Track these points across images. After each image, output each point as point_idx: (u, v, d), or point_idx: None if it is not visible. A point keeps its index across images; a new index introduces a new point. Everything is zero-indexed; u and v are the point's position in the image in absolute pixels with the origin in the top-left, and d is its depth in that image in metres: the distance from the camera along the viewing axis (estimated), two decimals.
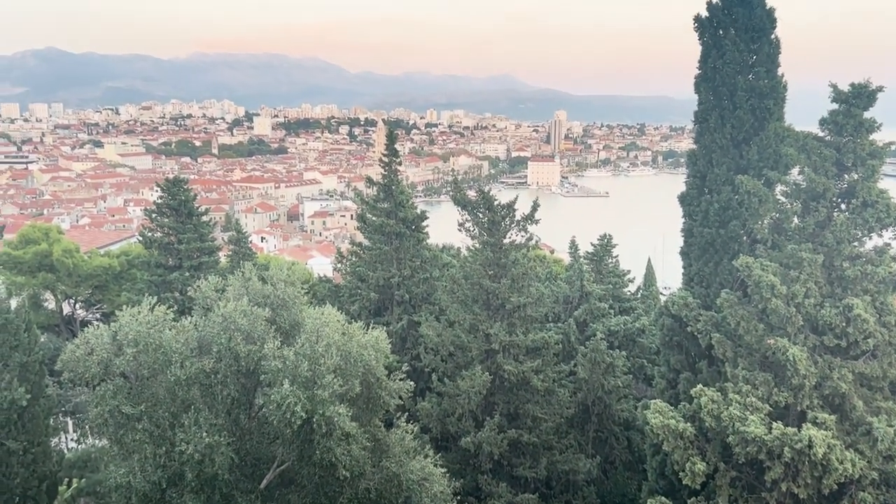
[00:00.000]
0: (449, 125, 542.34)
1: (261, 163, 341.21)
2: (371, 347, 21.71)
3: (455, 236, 36.03)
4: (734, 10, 23.90)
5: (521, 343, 28.56)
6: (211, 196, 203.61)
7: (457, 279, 29.37)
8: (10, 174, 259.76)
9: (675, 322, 24.72)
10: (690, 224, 25.03)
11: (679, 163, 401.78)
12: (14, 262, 41.55)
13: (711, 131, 24.19)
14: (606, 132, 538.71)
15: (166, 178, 37.99)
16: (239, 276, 22.76)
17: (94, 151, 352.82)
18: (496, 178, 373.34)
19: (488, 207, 29.19)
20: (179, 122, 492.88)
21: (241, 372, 20.45)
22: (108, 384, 20.06)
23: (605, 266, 42.72)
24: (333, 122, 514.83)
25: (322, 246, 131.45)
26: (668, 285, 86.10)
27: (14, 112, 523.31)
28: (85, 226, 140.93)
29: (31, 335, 24.38)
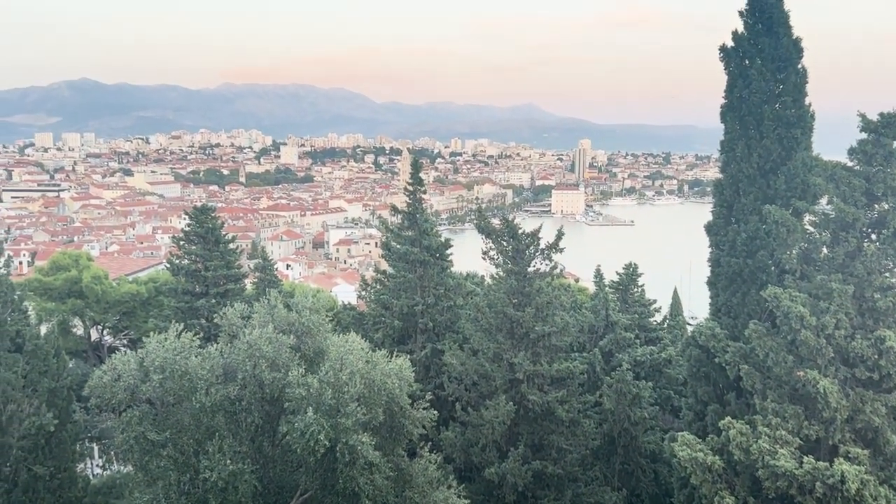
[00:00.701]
0: (473, 154, 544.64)
1: (287, 191, 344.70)
2: (395, 376, 21.67)
3: (479, 264, 36.02)
4: (760, 41, 23.88)
5: (546, 373, 28.32)
6: (238, 224, 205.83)
7: (481, 307, 29.28)
8: (43, 202, 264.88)
9: (702, 353, 24.41)
10: (717, 254, 24.81)
11: (705, 192, 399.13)
12: (44, 289, 42.16)
13: (738, 161, 24.06)
14: (631, 161, 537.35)
15: (194, 206, 38.47)
16: (264, 303, 22.90)
17: (125, 180, 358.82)
18: (520, 206, 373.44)
19: (512, 236, 29.17)
20: (208, 151, 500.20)
21: (266, 399, 20.50)
22: (133, 410, 20.20)
23: (630, 295, 42.36)
24: (359, 151, 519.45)
25: (346, 273, 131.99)
26: (694, 315, 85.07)
27: (48, 141, 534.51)
28: (114, 253, 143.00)
29: (59, 361, 24.66)
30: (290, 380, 19.67)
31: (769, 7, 23.84)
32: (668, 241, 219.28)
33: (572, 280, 66.13)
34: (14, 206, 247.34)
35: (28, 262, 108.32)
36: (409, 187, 35.07)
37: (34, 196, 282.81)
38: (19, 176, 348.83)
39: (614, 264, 45.02)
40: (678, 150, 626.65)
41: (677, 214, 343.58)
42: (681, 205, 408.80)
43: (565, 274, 44.24)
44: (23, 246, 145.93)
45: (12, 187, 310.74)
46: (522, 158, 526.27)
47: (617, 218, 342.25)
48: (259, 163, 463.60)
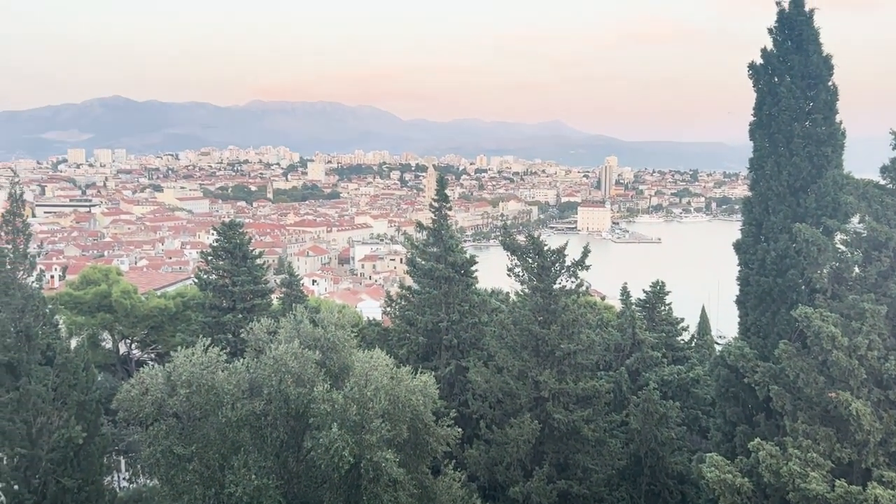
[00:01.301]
0: (498, 171, 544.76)
1: (314, 207, 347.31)
2: (419, 392, 21.67)
3: (504, 281, 35.92)
4: (790, 58, 23.68)
5: (572, 391, 28.10)
6: (265, 239, 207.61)
7: (506, 325, 29.17)
8: (75, 217, 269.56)
9: (731, 373, 24.06)
10: (746, 272, 24.51)
11: (733, 209, 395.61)
12: (75, 303, 42.77)
13: (767, 178, 23.81)
14: (658, 178, 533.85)
15: (222, 221, 38.87)
16: (290, 318, 23.05)
17: (154, 195, 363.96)
18: (545, 223, 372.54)
19: (538, 252, 29.08)
20: (236, 168, 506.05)
21: (291, 414, 20.57)
22: (160, 424, 20.39)
23: (657, 313, 41.92)
24: (385, 167, 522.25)
25: (372, 289, 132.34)
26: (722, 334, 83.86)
27: (80, 157, 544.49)
28: (143, 267, 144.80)
29: (88, 374, 24.95)
30: (315, 395, 19.74)
31: (799, 24, 23.66)
32: (696, 259, 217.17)
33: (598, 298, 65.67)
34: (47, 221, 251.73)
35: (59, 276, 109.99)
36: (434, 204, 35.15)
37: (66, 211, 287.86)
38: (52, 191, 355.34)
39: (641, 282, 44.59)
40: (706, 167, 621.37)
41: (705, 232, 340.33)
42: (708, 222, 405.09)
43: (591, 291, 43.93)
44: (55, 260, 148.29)
45: (45, 202, 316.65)
46: (548, 175, 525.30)
47: (644, 235, 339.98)
48: (286, 179, 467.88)
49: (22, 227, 24.40)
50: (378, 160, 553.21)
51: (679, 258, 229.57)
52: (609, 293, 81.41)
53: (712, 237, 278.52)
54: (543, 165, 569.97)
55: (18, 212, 24.50)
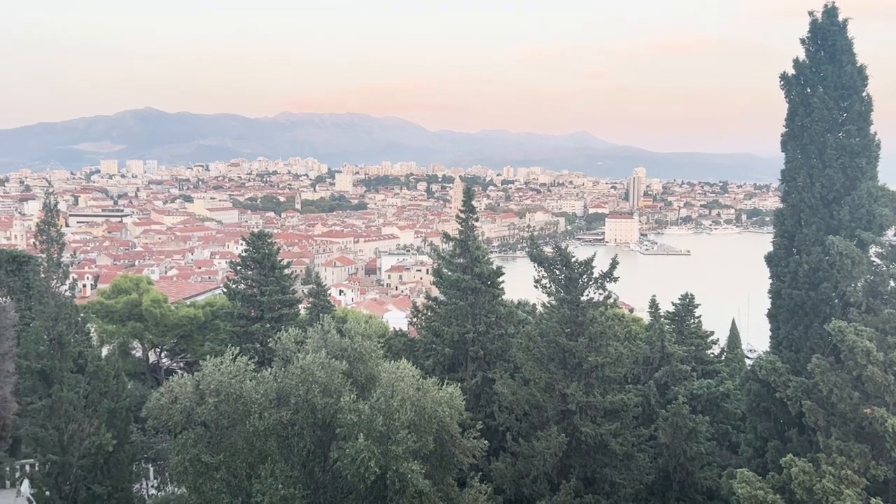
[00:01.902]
0: (525, 182, 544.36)
1: (341, 218, 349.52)
2: (445, 404, 21.60)
3: (530, 292, 35.72)
4: (823, 68, 23.40)
5: (599, 404, 27.83)
6: (293, 250, 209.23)
7: (532, 336, 29.01)
8: (107, 227, 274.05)
9: (762, 387, 23.69)
10: (778, 285, 24.15)
11: (764, 221, 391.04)
12: (106, 311, 43.36)
13: (800, 190, 23.49)
14: (687, 189, 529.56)
15: (251, 231, 39.22)
16: (318, 328, 23.14)
17: (185, 206, 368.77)
18: (573, 234, 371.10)
19: (565, 264, 28.91)
20: (265, 179, 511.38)
21: (318, 424, 20.62)
22: (189, 433, 20.54)
23: (686, 326, 41.43)
24: (412, 178, 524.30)
25: (398, 300, 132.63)
26: (753, 348, 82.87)
27: (113, 168, 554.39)
28: (173, 277, 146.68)
29: (119, 382, 25.25)
30: (341, 405, 19.77)
31: (832, 34, 23.39)
32: (726, 271, 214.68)
33: (626, 310, 65.11)
34: (79, 231, 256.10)
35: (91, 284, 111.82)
36: (460, 214, 35.15)
37: (98, 221, 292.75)
38: (85, 202, 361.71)
39: (670, 294, 44.13)
40: (736, 178, 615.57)
41: (735, 244, 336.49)
42: (738, 234, 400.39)
43: (619, 304, 43.60)
44: (87, 269, 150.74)
45: (78, 212, 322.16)
46: (575, 186, 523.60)
47: (672, 247, 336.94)
48: (314, 190, 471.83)
49: (56, 236, 24.86)
50: (405, 171, 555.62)
51: (709, 270, 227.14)
52: (637, 305, 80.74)
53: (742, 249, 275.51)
54: (571, 176, 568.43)
55: (53, 222, 24.99)
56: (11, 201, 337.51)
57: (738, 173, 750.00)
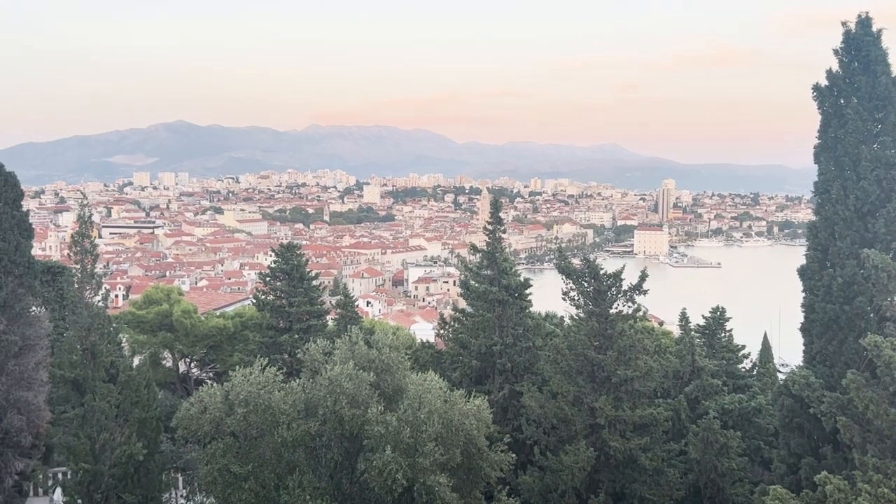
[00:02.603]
0: (553, 193, 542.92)
1: (369, 229, 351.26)
2: (472, 416, 21.52)
3: (558, 305, 35.53)
4: (856, 79, 23.08)
5: (628, 419, 27.54)
6: (321, 261, 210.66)
7: (560, 349, 28.82)
8: (139, 238, 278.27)
9: (795, 403, 23.29)
10: (811, 299, 23.77)
11: (796, 234, 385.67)
12: (138, 321, 43.92)
13: (833, 202, 23.14)
14: (717, 201, 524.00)
15: (280, 243, 39.54)
16: (346, 339, 23.22)
17: (215, 217, 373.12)
18: (601, 246, 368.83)
19: (594, 276, 28.72)
20: (294, 191, 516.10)
21: (345, 436, 20.66)
22: (218, 443, 20.68)
23: (717, 340, 40.86)
24: (439, 190, 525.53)
25: (425, 311, 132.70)
26: (785, 362, 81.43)
27: (145, 180, 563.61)
28: (203, 288, 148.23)
29: (150, 392, 25.54)
30: (369, 417, 19.79)
31: (866, 45, 23.08)
32: (757, 284, 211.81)
33: (656, 323, 64.42)
34: (112, 242, 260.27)
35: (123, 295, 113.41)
36: (488, 226, 35.11)
37: (131, 232, 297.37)
38: (118, 213, 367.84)
39: (700, 307, 43.57)
40: (767, 190, 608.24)
41: (767, 257, 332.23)
42: (770, 247, 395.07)
43: (649, 317, 43.19)
44: (119, 280, 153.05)
45: (111, 224, 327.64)
46: (604, 198, 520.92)
47: (703, 260, 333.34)
48: (343, 202, 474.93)
49: (90, 248, 25.26)
50: (432, 183, 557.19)
51: (740, 283, 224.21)
52: (667, 319, 79.84)
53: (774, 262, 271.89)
54: (599, 188, 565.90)
55: (87, 233, 25.40)
56: (46, 213, 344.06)
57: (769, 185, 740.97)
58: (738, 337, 42.57)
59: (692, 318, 41.01)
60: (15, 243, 24.34)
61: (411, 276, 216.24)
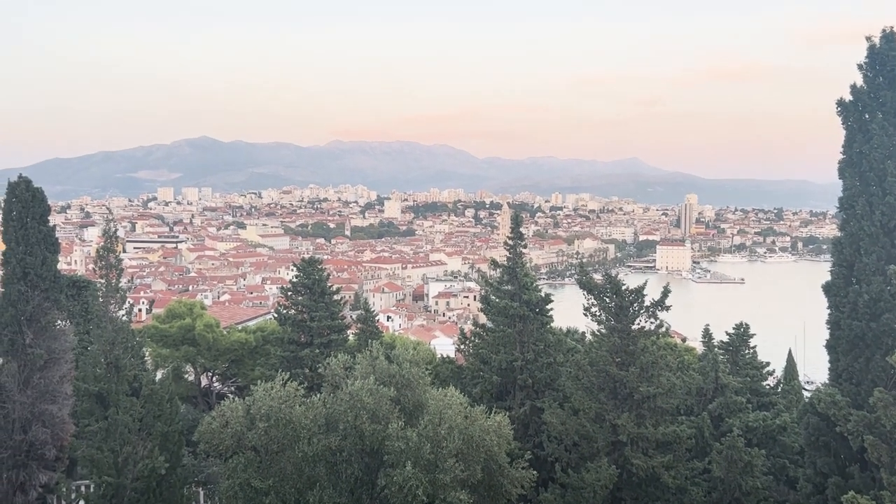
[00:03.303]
0: (574, 208, 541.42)
1: (389, 244, 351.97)
2: (493, 432, 21.44)
3: (579, 320, 35.35)
4: (881, 94, 22.90)
5: (651, 436, 27.28)
6: (342, 276, 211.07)
7: (582, 365, 28.66)
8: (162, 252, 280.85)
9: (821, 421, 22.95)
10: (837, 316, 23.48)
11: (821, 249, 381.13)
12: (161, 335, 44.24)
13: (858, 218, 22.88)
14: (741, 217, 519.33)
15: (302, 258, 39.75)
16: (366, 354, 23.26)
17: (237, 232, 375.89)
18: (623, 261, 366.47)
19: (615, 292, 28.58)
20: (316, 206, 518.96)
21: (366, 451, 20.65)
22: (239, 457, 20.76)
23: (741, 357, 40.39)
24: (460, 205, 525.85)
25: (445, 326, 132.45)
26: (811, 380, 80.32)
27: (169, 195, 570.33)
28: (225, 302, 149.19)
29: (172, 406, 25.70)
30: (389, 432, 19.78)
31: (891, 60, 22.90)
32: (782, 300, 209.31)
33: (679, 339, 63.86)
34: (136, 256, 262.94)
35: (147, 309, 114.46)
36: (508, 241, 35.09)
37: (154, 247, 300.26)
38: (142, 228, 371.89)
39: (724, 323, 43.17)
40: (791, 205, 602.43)
41: (791, 273, 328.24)
42: (794, 263, 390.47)
43: (672, 333, 42.77)
44: (142, 294, 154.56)
45: (135, 238, 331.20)
46: (625, 213, 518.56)
47: (726, 275, 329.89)
48: (364, 217, 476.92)
49: (115, 262, 25.56)
50: (453, 198, 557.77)
51: (764, 299, 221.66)
52: (690, 335, 79.14)
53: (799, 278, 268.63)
54: (620, 203, 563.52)
55: (112, 248, 25.71)
56: (72, 227, 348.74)
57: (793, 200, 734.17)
58: (762, 354, 42.08)
59: (715, 334, 40.62)
60: (41, 257, 24.71)
61: (431, 291, 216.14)
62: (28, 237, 24.60)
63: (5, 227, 25.29)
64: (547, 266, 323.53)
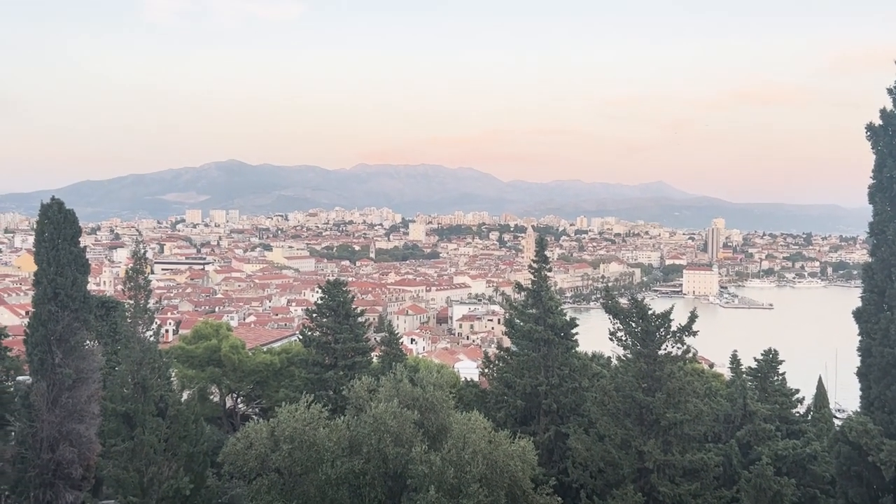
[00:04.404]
0: (599, 232, 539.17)
1: (414, 266, 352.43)
2: (517, 458, 21.28)
3: (605, 345, 35.10)
4: None
5: (678, 463, 26.88)
6: (366, 298, 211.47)
7: (608, 390, 28.39)
8: (190, 274, 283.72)
9: (853, 450, 22.47)
10: (868, 343, 23.06)
11: (851, 275, 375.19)
12: (187, 356, 44.59)
13: (889, 243, 22.55)
14: (769, 241, 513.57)
15: (327, 279, 39.97)
16: (390, 377, 23.26)
17: (264, 254, 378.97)
18: (649, 286, 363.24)
19: (641, 316, 28.35)
20: (341, 228, 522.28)
21: (389, 474, 20.57)
22: (263, 479, 20.79)
23: (770, 383, 39.78)
24: (484, 228, 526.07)
25: (469, 349, 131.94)
26: (842, 407, 78.74)
27: (197, 218, 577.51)
28: (251, 323, 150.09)
29: (198, 427, 25.84)
30: (412, 456, 19.70)
31: None
32: (811, 326, 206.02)
33: (706, 365, 63.07)
34: (164, 278, 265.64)
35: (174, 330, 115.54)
36: (533, 264, 35.02)
37: (182, 268, 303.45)
38: (170, 249, 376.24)
39: (752, 349, 42.58)
40: (820, 230, 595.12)
41: (821, 298, 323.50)
42: (824, 288, 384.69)
43: (699, 358, 42.27)
44: (170, 315, 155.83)
45: (163, 260, 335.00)
46: (651, 237, 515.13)
47: (754, 301, 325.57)
48: (388, 239, 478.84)
49: (143, 283, 25.89)
50: (477, 221, 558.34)
51: (792, 325, 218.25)
52: (717, 361, 78.13)
53: (829, 304, 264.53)
54: (646, 227, 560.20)
55: (141, 269, 26.06)
56: (102, 248, 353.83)
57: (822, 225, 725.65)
58: (791, 380, 41.40)
59: (743, 360, 40.10)
60: (72, 278, 25.12)
61: (455, 314, 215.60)
62: (59, 258, 25.04)
63: (37, 248, 25.79)
64: (572, 290, 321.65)
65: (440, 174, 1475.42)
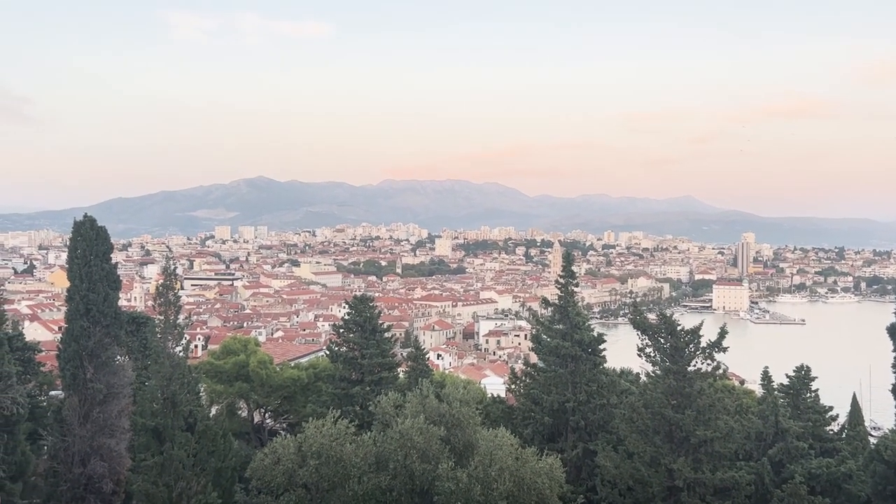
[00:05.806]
0: (627, 246, 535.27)
1: (440, 282, 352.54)
2: (545, 475, 21.12)
3: (633, 361, 34.78)
4: None
5: (709, 482, 26.46)
6: (393, 313, 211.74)
7: (636, 407, 28.08)
8: (218, 289, 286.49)
9: (889, 469, 22.00)
10: None
11: (885, 290, 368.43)
12: (215, 371, 44.91)
13: None
14: (800, 256, 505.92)
15: (354, 295, 40.14)
16: (416, 393, 23.24)
17: (292, 270, 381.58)
18: (678, 301, 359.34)
19: (671, 332, 28.07)
20: (368, 244, 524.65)
21: (415, 491, 20.51)
22: (290, 494, 20.85)
23: (802, 400, 39.09)
24: (510, 243, 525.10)
25: (495, 365, 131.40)
26: (877, 425, 77.06)
27: (226, 234, 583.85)
28: (278, 338, 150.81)
29: (226, 442, 25.99)
30: (439, 472, 19.64)
31: None
32: (845, 342, 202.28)
33: (737, 382, 62.20)
34: (193, 293, 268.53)
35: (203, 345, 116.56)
36: (560, 279, 34.87)
37: (211, 284, 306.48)
38: (199, 265, 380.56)
39: (784, 366, 41.92)
40: (853, 244, 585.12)
41: (854, 313, 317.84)
42: (857, 303, 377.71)
43: (729, 375, 41.75)
44: (199, 330, 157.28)
45: (193, 276, 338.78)
46: (680, 252, 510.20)
47: (786, 316, 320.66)
48: (415, 254, 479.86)
49: (174, 299, 26.20)
50: (503, 236, 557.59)
51: (825, 341, 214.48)
52: (749, 377, 76.99)
53: (862, 319, 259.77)
54: (675, 241, 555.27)
55: (171, 285, 26.38)
56: (133, 265, 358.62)
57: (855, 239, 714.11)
58: (824, 397, 40.66)
59: (775, 376, 39.47)
60: (104, 294, 25.50)
61: (482, 330, 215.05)
62: (91, 274, 25.44)
63: (70, 265, 26.23)
64: (599, 305, 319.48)
65: (466, 189, 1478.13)
